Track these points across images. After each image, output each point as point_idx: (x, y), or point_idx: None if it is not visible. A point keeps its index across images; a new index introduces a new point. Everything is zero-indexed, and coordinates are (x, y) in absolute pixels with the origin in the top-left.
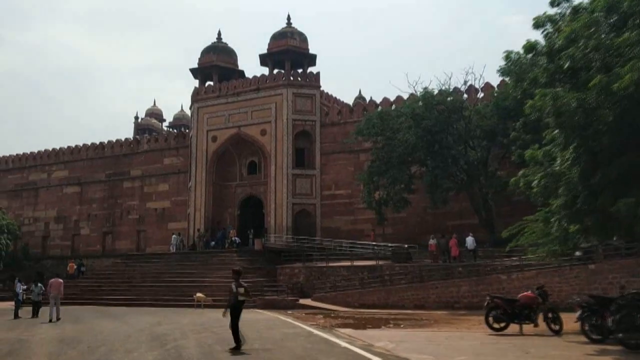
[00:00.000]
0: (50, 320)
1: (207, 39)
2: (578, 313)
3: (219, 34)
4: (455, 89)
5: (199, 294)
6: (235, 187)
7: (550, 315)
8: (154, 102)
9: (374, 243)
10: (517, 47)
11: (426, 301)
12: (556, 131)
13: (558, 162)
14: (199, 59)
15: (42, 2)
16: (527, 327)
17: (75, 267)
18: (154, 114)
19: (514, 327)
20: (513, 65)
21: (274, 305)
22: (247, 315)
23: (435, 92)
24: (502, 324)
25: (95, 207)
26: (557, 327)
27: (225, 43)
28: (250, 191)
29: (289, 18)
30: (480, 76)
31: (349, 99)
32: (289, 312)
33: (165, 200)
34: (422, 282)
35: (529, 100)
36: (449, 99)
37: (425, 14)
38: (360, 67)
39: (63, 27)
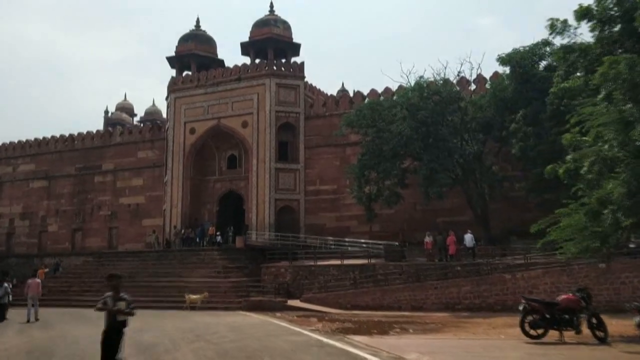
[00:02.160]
0: (28, 321)
1: (182, 32)
2: (638, 319)
3: (198, 21)
4: (450, 79)
5: (191, 295)
6: (214, 182)
7: (594, 320)
8: (125, 96)
9: (363, 241)
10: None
11: (424, 302)
12: (629, 105)
13: (615, 144)
14: (176, 47)
15: None
16: (567, 334)
17: (44, 274)
18: (125, 108)
19: (552, 334)
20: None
21: (261, 307)
22: (234, 319)
23: (431, 81)
24: (540, 331)
25: (64, 203)
26: (601, 334)
27: (204, 31)
28: (230, 186)
29: (271, 5)
30: (478, 66)
31: (331, 92)
32: (278, 314)
33: (139, 196)
34: (420, 282)
35: (591, 75)
36: (445, 89)
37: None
38: (343, 60)
39: (30, 22)
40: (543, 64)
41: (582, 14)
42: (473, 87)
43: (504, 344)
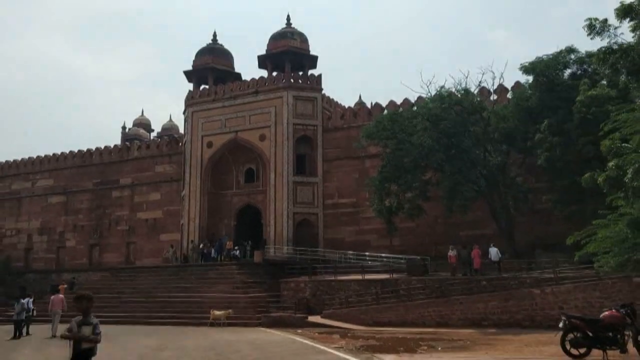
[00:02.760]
0: (54, 336)
1: (198, 47)
2: None
3: (215, 35)
4: (470, 90)
5: (215, 311)
6: (231, 195)
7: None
8: (142, 112)
9: (384, 255)
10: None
11: (449, 318)
12: None
13: None
14: (194, 61)
15: (24, 14)
16: (612, 353)
17: (65, 288)
18: (142, 124)
19: (595, 353)
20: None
21: (281, 323)
22: (255, 336)
23: (453, 91)
24: (582, 350)
25: (82, 218)
26: None
27: (221, 44)
28: (248, 200)
29: (288, 18)
30: (501, 75)
31: (348, 104)
32: (299, 331)
33: (156, 210)
34: (445, 297)
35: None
36: (466, 98)
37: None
38: (360, 72)
39: (47, 39)
40: (568, 72)
41: (625, 11)
42: (494, 97)
43: None
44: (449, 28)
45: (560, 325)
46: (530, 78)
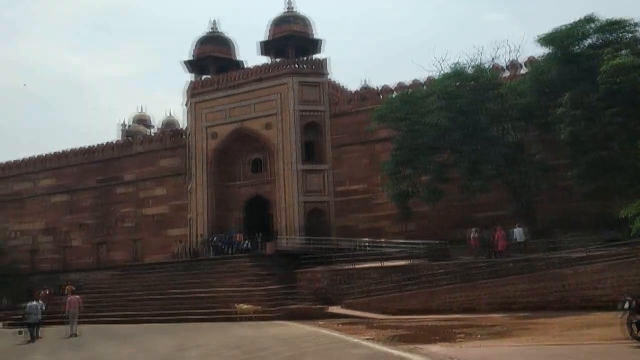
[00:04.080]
0: (74, 335)
1: (195, 41)
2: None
3: (214, 23)
4: (489, 64)
5: (242, 305)
6: (239, 187)
7: None
8: (142, 108)
9: (401, 241)
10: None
11: (477, 303)
12: None
13: None
14: (194, 51)
15: (20, 15)
16: None
17: (73, 289)
18: (142, 120)
19: None
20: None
21: (300, 316)
22: (278, 330)
23: (468, 68)
24: None
25: (87, 216)
26: None
27: (222, 33)
28: (256, 191)
29: (290, 2)
30: (518, 49)
31: (353, 90)
32: (320, 322)
33: (163, 206)
34: (471, 282)
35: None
36: (483, 75)
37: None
38: (362, 58)
39: (44, 42)
40: (587, 42)
41: None
42: (507, 74)
43: (615, 350)
44: (448, 10)
45: (626, 306)
46: (547, 51)
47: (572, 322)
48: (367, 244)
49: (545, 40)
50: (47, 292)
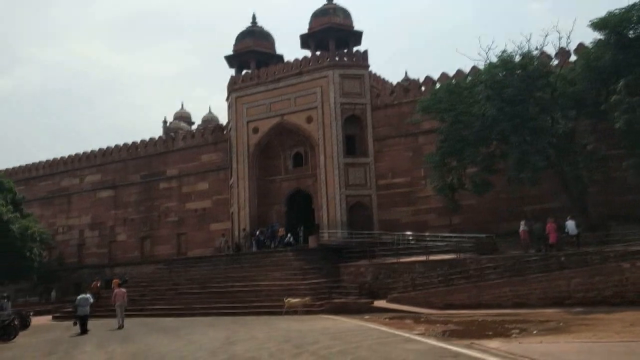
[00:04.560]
0: (121, 327)
1: (233, 38)
2: None
3: (254, 17)
4: (538, 52)
5: (290, 299)
6: (280, 181)
7: None
8: (182, 105)
9: (446, 234)
10: None
11: (527, 298)
12: None
13: None
14: (234, 45)
15: (60, 18)
16: None
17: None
18: (183, 117)
19: None
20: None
21: (345, 310)
22: (324, 324)
23: (515, 56)
24: None
25: (131, 211)
26: None
27: (261, 27)
28: (297, 185)
29: None
30: (568, 35)
31: (394, 82)
32: (366, 316)
33: (205, 200)
34: (521, 276)
35: None
36: (531, 62)
37: None
38: (403, 50)
39: (88, 43)
40: None
41: None
42: (554, 62)
43: None
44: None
45: None
46: (599, 37)
47: (633, 317)
48: (410, 238)
49: (598, 25)
50: (98, 284)
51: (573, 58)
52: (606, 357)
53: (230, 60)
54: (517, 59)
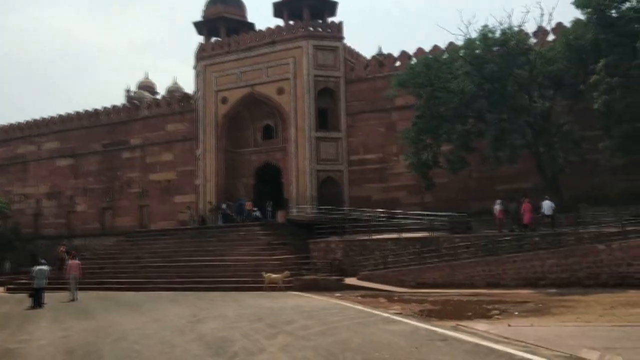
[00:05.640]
0: (75, 299)
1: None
2: None
3: None
4: (518, 28)
5: (270, 274)
6: (249, 154)
7: None
8: (146, 75)
9: (418, 212)
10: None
11: (501, 278)
12: None
13: None
14: (204, 11)
15: None
16: None
17: (64, 249)
18: (147, 86)
19: None
20: None
21: (316, 287)
22: (296, 301)
23: (496, 32)
24: None
25: (92, 181)
26: None
27: None
28: (267, 158)
29: None
30: (550, 13)
31: (367, 57)
32: (337, 294)
33: (170, 171)
34: (496, 256)
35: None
36: (513, 38)
37: None
38: (376, 23)
39: (50, 10)
40: (626, 5)
41: None
42: (533, 41)
43: None
44: None
45: None
46: (579, 16)
47: (610, 299)
48: (381, 215)
49: (581, 3)
50: (64, 249)
51: (552, 37)
52: (604, 342)
53: (199, 26)
54: (498, 34)
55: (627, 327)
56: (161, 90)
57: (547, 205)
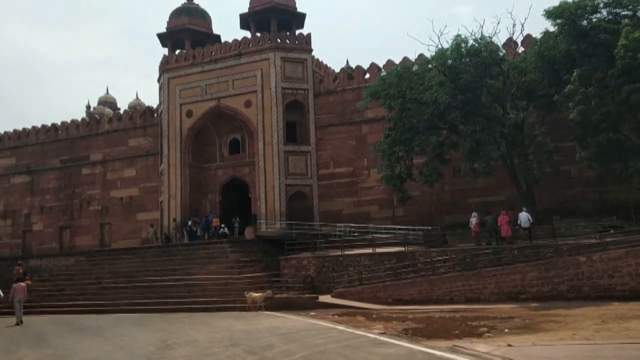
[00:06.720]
0: (18, 324)
1: (161, 25)
2: None
3: None
4: (490, 38)
5: (252, 293)
6: (215, 169)
7: None
8: (107, 90)
9: (391, 226)
10: None
11: (481, 293)
12: None
13: None
14: (168, 23)
15: None
16: None
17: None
18: (107, 102)
19: None
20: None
21: (289, 306)
22: (271, 322)
23: (470, 42)
24: None
25: (50, 199)
26: None
27: (197, 4)
28: (234, 173)
29: None
30: (522, 24)
31: (336, 69)
32: (312, 313)
33: (132, 188)
34: (475, 270)
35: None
36: (486, 49)
37: None
38: (347, 33)
39: (5, 21)
40: (596, 17)
41: None
42: (502, 52)
43: None
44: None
45: None
46: (550, 28)
47: (597, 313)
48: (353, 230)
49: (553, 14)
50: (21, 270)
51: (522, 49)
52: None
53: (163, 38)
54: (470, 43)
55: (636, 344)
56: (123, 106)
57: (524, 218)
